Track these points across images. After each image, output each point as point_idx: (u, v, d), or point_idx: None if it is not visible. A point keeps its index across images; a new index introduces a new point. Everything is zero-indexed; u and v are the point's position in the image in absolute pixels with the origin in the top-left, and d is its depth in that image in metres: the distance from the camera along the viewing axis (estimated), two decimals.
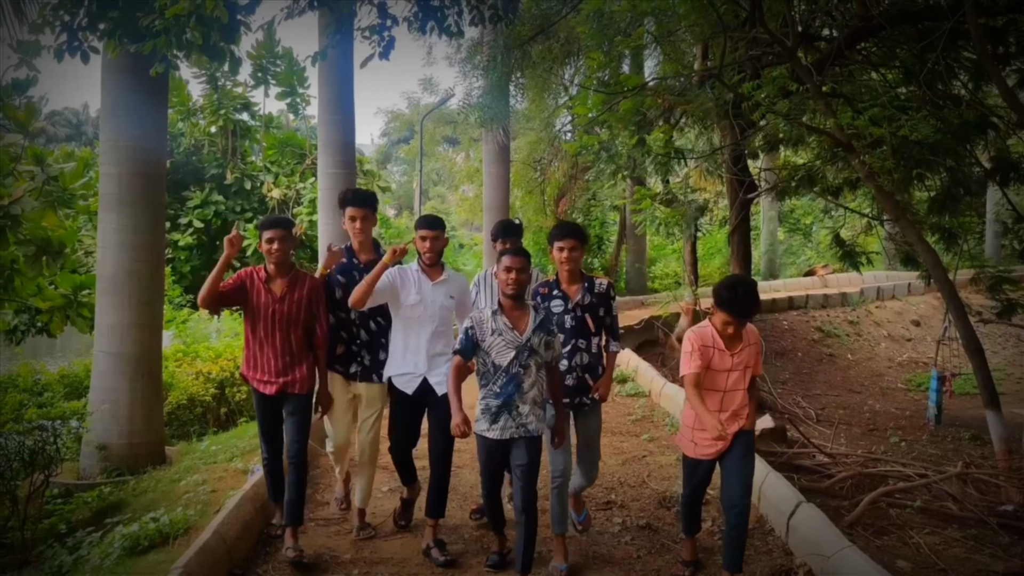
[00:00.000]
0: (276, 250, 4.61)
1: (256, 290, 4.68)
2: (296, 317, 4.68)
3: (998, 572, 4.31)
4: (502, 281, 4.21)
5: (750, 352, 4.20)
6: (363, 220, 4.86)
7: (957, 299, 7.08)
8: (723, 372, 4.16)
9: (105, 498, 6.02)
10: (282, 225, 4.70)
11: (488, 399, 4.20)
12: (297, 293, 4.69)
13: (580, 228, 4.74)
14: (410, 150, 42.54)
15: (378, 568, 4.59)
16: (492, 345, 4.16)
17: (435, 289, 4.73)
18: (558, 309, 4.60)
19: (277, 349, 4.67)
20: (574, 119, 12.50)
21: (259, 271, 4.74)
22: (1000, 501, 5.64)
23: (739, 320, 4.04)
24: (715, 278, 18.63)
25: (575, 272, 4.64)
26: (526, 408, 4.16)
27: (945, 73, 7.68)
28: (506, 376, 4.14)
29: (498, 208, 15.70)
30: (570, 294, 4.63)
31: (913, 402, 12.76)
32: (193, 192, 17.17)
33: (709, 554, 4.75)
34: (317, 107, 10.60)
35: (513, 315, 4.21)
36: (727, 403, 4.18)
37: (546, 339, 4.21)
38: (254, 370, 4.72)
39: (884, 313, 17.47)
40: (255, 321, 4.69)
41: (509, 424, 4.15)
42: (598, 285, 4.69)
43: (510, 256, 4.22)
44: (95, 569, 4.53)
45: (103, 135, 6.93)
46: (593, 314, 4.62)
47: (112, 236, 6.72)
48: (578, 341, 4.60)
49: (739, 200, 10.00)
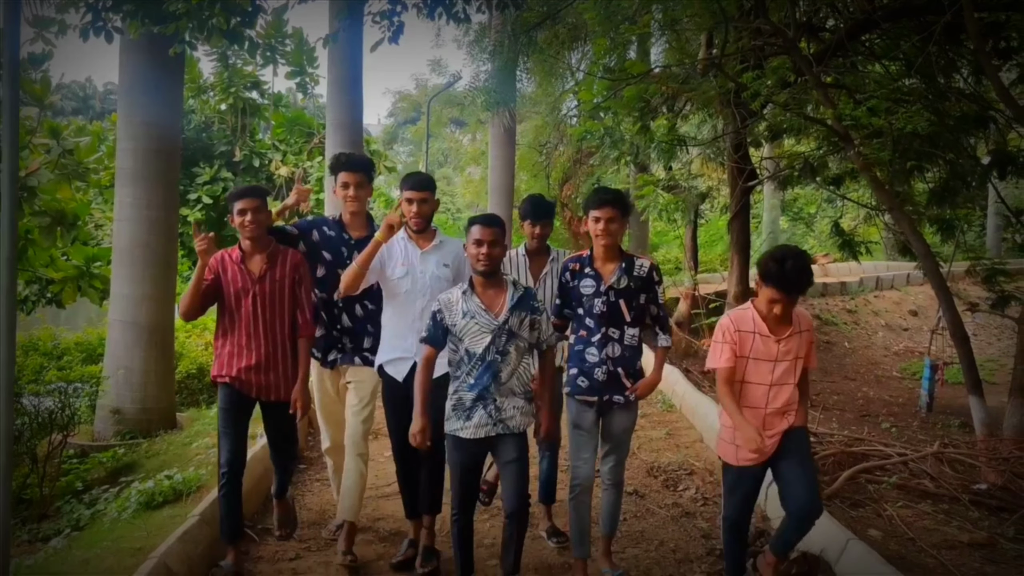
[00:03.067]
0: (250, 222, 4.05)
1: (231, 274, 4.11)
2: (279, 299, 4.12)
3: (963, 542, 4.56)
4: (472, 256, 3.67)
5: (801, 340, 3.63)
6: (356, 187, 4.28)
7: (946, 288, 7.28)
8: (768, 362, 3.60)
9: (119, 459, 6.28)
10: (255, 194, 4.14)
11: (460, 392, 3.66)
12: (279, 271, 4.13)
13: (621, 195, 4.00)
14: (417, 131, 42.67)
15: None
16: (464, 330, 3.63)
17: (425, 258, 4.14)
18: (588, 290, 3.94)
19: (260, 340, 4.09)
20: (579, 104, 12.68)
21: (232, 252, 4.17)
22: (975, 480, 5.87)
23: (788, 297, 3.46)
24: (716, 265, 18.84)
25: (612, 248, 3.94)
26: (505, 401, 3.64)
27: (946, 66, 7.83)
28: (482, 364, 3.61)
29: (503, 190, 15.91)
30: (604, 274, 3.94)
31: (906, 390, 12.99)
32: (203, 168, 17.37)
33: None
34: (326, 87, 10.80)
35: (487, 294, 3.68)
36: (774, 399, 3.60)
37: (530, 318, 3.70)
38: (228, 367, 4.12)
39: (882, 303, 17.68)
40: (232, 311, 4.11)
41: (485, 420, 3.62)
42: (638, 267, 3.97)
43: (481, 226, 3.66)
44: (113, 522, 4.79)
45: (121, 111, 7.15)
46: (630, 300, 3.93)
47: (128, 210, 6.96)
48: (608, 330, 3.93)
49: (739, 188, 10.21)
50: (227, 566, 4.12)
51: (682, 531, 4.91)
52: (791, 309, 3.54)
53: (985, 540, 4.62)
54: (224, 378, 4.11)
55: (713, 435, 6.57)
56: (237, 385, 4.10)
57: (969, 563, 4.26)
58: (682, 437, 6.99)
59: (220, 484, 4.11)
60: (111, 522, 4.81)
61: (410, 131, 45.90)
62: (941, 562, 4.22)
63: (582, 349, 3.98)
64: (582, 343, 3.98)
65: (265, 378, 4.11)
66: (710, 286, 14.33)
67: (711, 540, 4.73)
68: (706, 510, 5.27)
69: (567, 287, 4.03)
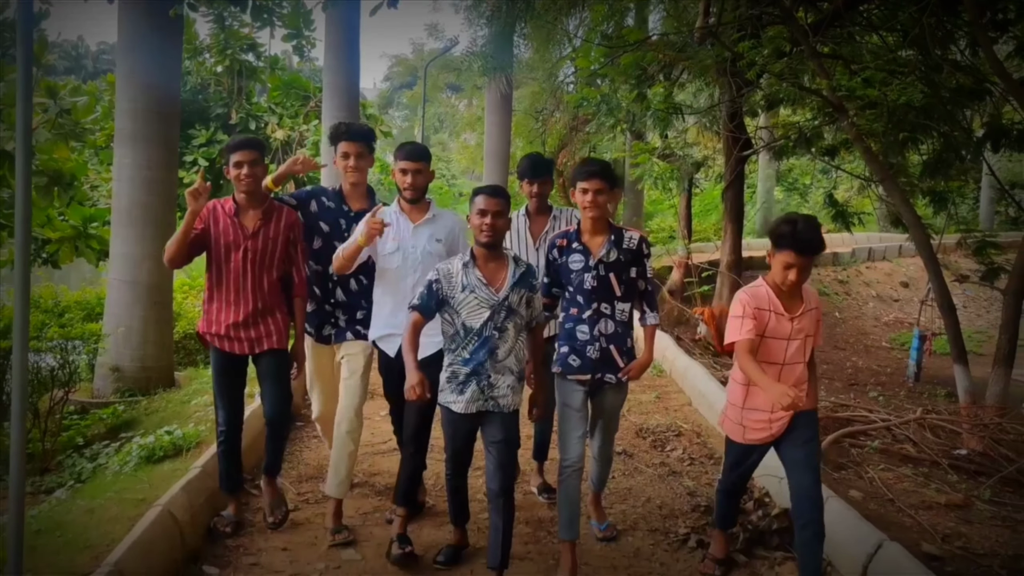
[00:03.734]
0: (246, 175, 3.96)
1: (222, 225, 4.01)
2: (271, 257, 4.05)
3: (940, 503, 4.72)
4: (475, 227, 3.58)
5: (811, 317, 3.56)
6: (357, 158, 4.20)
7: (934, 259, 7.38)
8: (781, 340, 3.51)
9: (119, 415, 6.39)
10: (253, 146, 4.03)
11: (455, 366, 3.61)
12: (272, 228, 4.05)
13: (609, 167, 3.90)
14: (413, 96, 42.45)
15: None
16: (462, 303, 3.55)
17: (417, 232, 4.03)
18: (577, 266, 3.83)
19: (248, 296, 4.02)
20: (576, 71, 12.69)
21: (225, 203, 4.08)
22: (956, 446, 6.03)
23: (803, 258, 3.37)
24: (710, 233, 18.92)
25: (600, 221, 3.85)
26: (499, 378, 3.58)
27: (943, 38, 7.85)
28: (478, 340, 3.55)
29: (499, 157, 15.95)
30: (592, 248, 3.84)
31: (895, 360, 13.17)
32: (198, 131, 17.33)
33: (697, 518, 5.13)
34: (323, 51, 10.80)
35: (488, 267, 3.59)
36: (785, 378, 3.51)
37: (527, 295, 3.64)
38: (216, 325, 4.06)
39: (874, 274, 17.82)
40: (220, 264, 4.02)
41: (478, 396, 3.58)
42: (628, 239, 3.89)
43: (485, 196, 3.58)
44: (115, 475, 4.91)
45: (119, 72, 7.18)
46: (620, 274, 3.85)
47: (127, 170, 7.01)
48: (600, 305, 3.85)
49: (734, 157, 10.28)
50: (228, 516, 4.25)
51: (668, 489, 5.07)
52: (806, 275, 3.42)
53: (961, 501, 4.78)
54: (212, 337, 4.07)
55: (701, 400, 6.75)
56: (227, 346, 4.05)
57: (944, 523, 4.41)
58: (671, 401, 7.14)
59: (219, 441, 4.20)
60: (113, 475, 4.93)
61: (406, 96, 45.66)
62: (917, 521, 4.37)
63: (573, 327, 3.88)
64: (572, 321, 3.89)
65: (255, 331, 4.04)
66: (704, 255, 14.43)
67: (696, 497, 4.89)
68: (692, 469, 5.43)
69: (555, 264, 3.92)
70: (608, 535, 4.27)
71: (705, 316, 10.41)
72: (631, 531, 4.45)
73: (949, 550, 4.02)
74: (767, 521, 4.21)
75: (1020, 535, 4.35)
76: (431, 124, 40.66)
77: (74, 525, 3.94)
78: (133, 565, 3.38)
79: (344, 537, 4.20)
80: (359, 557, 4.09)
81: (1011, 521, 4.58)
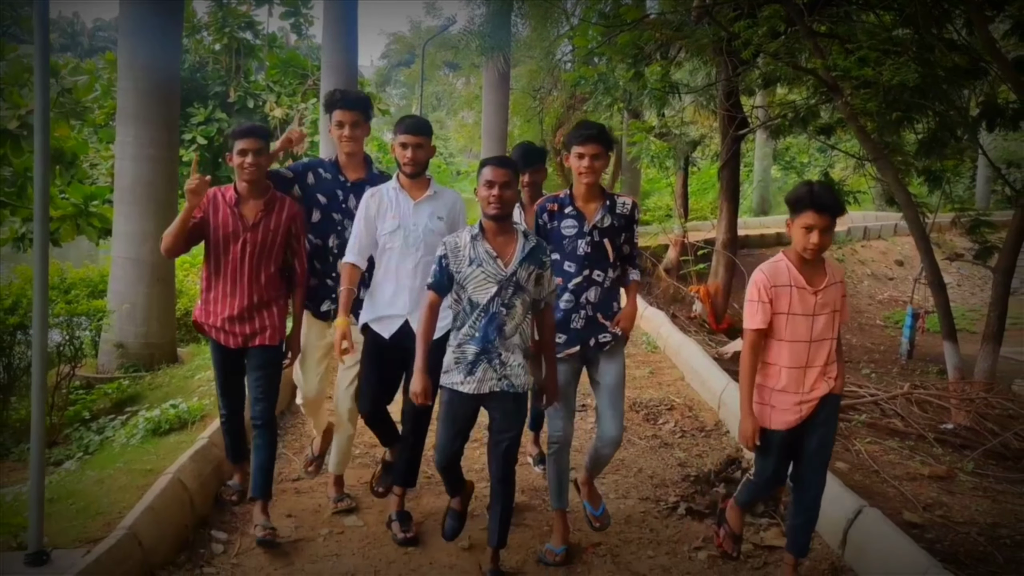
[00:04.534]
0: (250, 164, 3.81)
1: (222, 215, 3.87)
2: (270, 249, 3.91)
3: (924, 475, 4.86)
4: (483, 199, 3.43)
5: (836, 291, 3.41)
6: (352, 126, 4.05)
7: (925, 237, 7.51)
8: (807, 316, 3.34)
9: (124, 390, 6.53)
10: (258, 135, 3.88)
11: (464, 345, 3.45)
12: (274, 219, 3.90)
13: (605, 131, 3.79)
14: (410, 74, 42.40)
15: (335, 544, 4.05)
16: (469, 277, 3.41)
17: (418, 209, 3.88)
18: (570, 231, 3.75)
19: (244, 289, 3.89)
20: (574, 50, 12.73)
21: (226, 191, 3.93)
22: (943, 421, 6.19)
23: (825, 216, 3.24)
24: (707, 212, 19.02)
25: (594, 187, 3.78)
26: (509, 356, 3.44)
27: (940, 17, 7.91)
28: (485, 316, 3.41)
29: (497, 135, 15.98)
30: (587, 214, 3.76)
31: (889, 338, 13.33)
32: (197, 109, 17.38)
33: None
34: (322, 29, 10.86)
35: (497, 241, 3.45)
36: (814, 357, 3.36)
37: (537, 272, 3.46)
38: (213, 316, 3.94)
39: (869, 252, 17.94)
40: (219, 255, 3.89)
41: (489, 375, 3.43)
42: (621, 204, 3.82)
43: (492, 167, 3.44)
44: (122, 447, 5.05)
45: (121, 52, 7.26)
46: (613, 239, 3.78)
47: (130, 148, 7.10)
48: (593, 272, 3.77)
49: (730, 136, 10.36)
50: (235, 485, 4.37)
51: (660, 460, 5.22)
52: (829, 237, 3.27)
53: (945, 473, 4.93)
54: (209, 328, 3.96)
55: (694, 376, 6.89)
56: (223, 339, 3.95)
57: (927, 493, 4.56)
58: (664, 376, 7.27)
59: (222, 423, 4.24)
60: (120, 447, 5.06)
61: (403, 73, 45.57)
62: (900, 492, 4.52)
63: (556, 298, 3.73)
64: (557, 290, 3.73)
65: (250, 326, 3.91)
66: (700, 233, 14.54)
67: (686, 468, 5.03)
68: (683, 441, 5.57)
69: (545, 229, 3.79)
70: (601, 523, 4.04)
71: (700, 294, 10.55)
72: (623, 499, 4.60)
73: (930, 518, 4.17)
74: None
75: (1000, 505, 4.50)
76: (428, 102, 40.62)
77: (85, 494, 4.08)
78: (146, 529, 3.52)
79: (347, 504, 4.32)
80: (361, 523, 4.23)
81: (992, 492, 4.74)
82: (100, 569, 3.16)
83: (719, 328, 10.26)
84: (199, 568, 3.71)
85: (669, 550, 4.03)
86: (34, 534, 3.33)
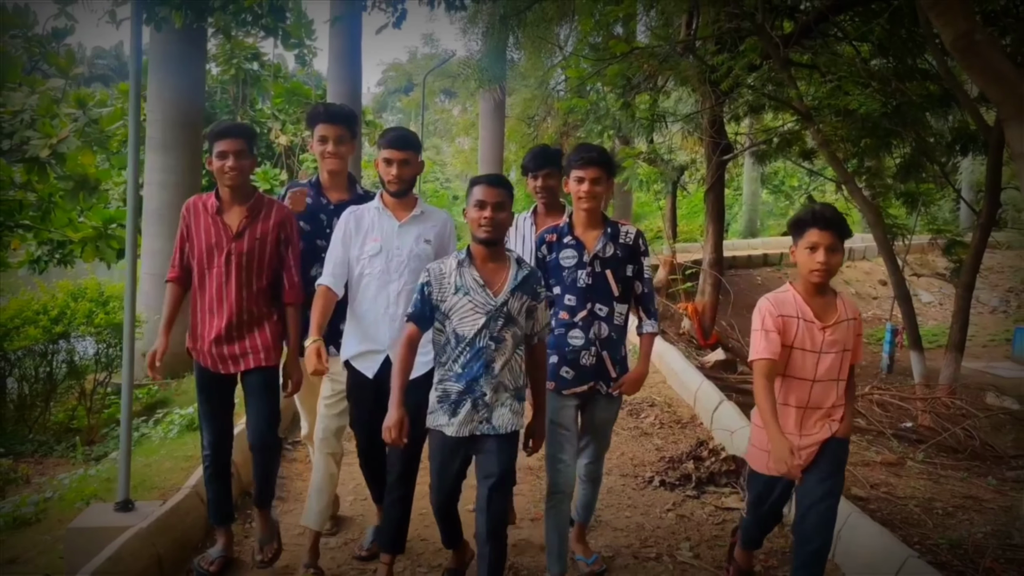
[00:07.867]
0: (231, 167, 3.41)
1: (204, 225, 3.48)
2: (258, 260, 3.49)
3: (876, 461, 5.45)
4: (473, 220, 3.08)
5: (848, 329, 3.11)
6: (336, 142, 3.74)
7: (892, 253, 8.15)
8: (812, 353, 3.07)
9: (153, 395, 7.14)
10: (240, 134, 3.48)
11: (446, 383, 3.11)
12: (260, 226, 3.50)
13: (606, 154, 3.50)
14: (409, 101, 43.16)
15: None
16: (455, 308, 3.06)
17: (403, 231, 3.51)
18: (569, 262, 3.45)
19: (232, 306, 3.46)
20: (567, 80, 13.40)
21: (207, 199, 3.54)
22: (902, 420, 6.79)
23: (832, 233, 3.01)
24: (696, 234, 19.68)
25: (595, 213, 3.48)
26: (495, 396, 3.07)
27: (913, 48, 8.48)
28: (471, 351, 3.05)
29: (493, 161, 16.68)
30: (587, 242, 3.45)
31: (870, 354, 13.85)
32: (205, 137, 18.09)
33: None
34: (327, 61, 11.57)
35: (486, 268, 3.11)
36: (817, 398, 3.09)
37: (528, 304, 3.12)
38: (200, 340, 3.52)
39: (854, 272, 18.53)
40: (202, 268, 3.49)
41: (472, 416, 3.07)
42: (624, 233, 3.50)
43: (484, 186, 3.09)
44: (160, 441, 5.64)
45: (151, 85, 7.94)
46: (616, 271, 3.46)
47: (158, 175, 7.76)
48: (595, 306, 3.43)
49: (714, 160, 11.00)
50: (215, 552, 3.72)
51: (639, 446, 5.88)
52: (836, 258, 3.02)
53: (895, 460, 5.53)
54: (196, 353, 3.56)
55: (675, 378, 7.50)
56: (209, 363, 3.53)
57: (876, 476, 5.14)
58: (648, 379, 7.84)
59: (204, 467, 3.69)
60: (160, 441, 5.66)
61: (401, 101, 46.36)
62: (852, 474, 5.09)
63: (564, 332, 3.44)
64: (564, 325, 3.45)
65: (239, 347, 3.50)
66: (689, 254, 15.15)
67: (662, 452, 5.67)
68: (661, 431, 6.22)
69: (543, 262, 3.51)
70: (596, 569, 3.76)
71: (689, 311, 11.15)
72: (605, 475, 5.15)
73: (875, 494, 4.76)
74: (717, 464, 4.98)
75: (940, 485, 5.09)
76: (426, 129, 41.36)
77: (136, 475, 4.63)
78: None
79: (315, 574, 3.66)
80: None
81: (935, 476, 5.33)
82: (174, 516, 3.82)
83: (706, 344, 10.83)
84: (247, 524, 4.24)
85: (644, 512, 4.66)
86: (123, 486, 3.96)
